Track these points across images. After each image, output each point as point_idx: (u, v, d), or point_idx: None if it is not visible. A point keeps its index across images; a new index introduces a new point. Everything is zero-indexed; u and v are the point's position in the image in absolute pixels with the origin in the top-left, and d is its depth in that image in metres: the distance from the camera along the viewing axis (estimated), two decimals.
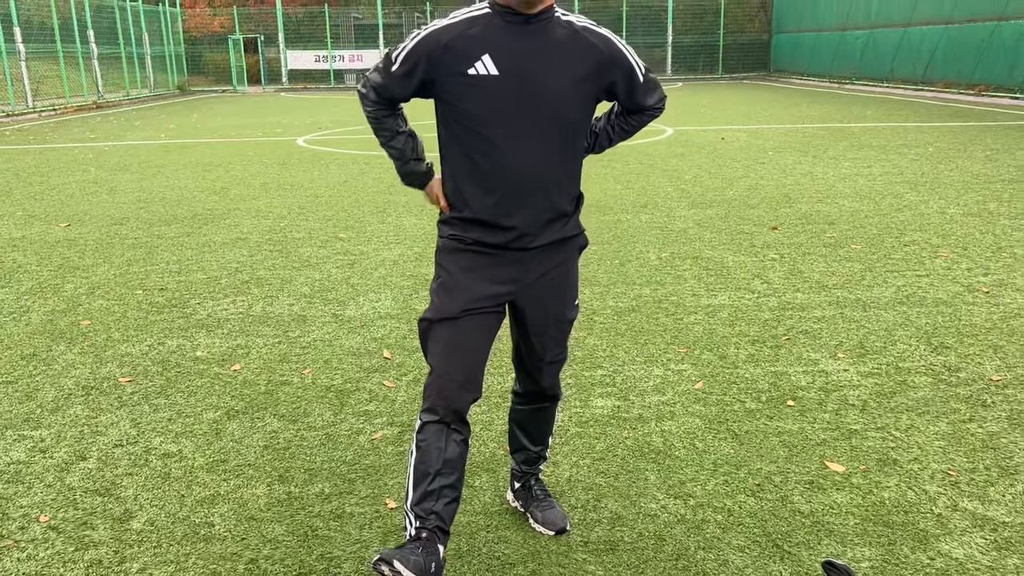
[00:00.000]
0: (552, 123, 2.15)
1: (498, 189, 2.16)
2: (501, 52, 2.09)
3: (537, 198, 2.18)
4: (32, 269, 5.85)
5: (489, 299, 2.24)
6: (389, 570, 1.96)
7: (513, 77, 2.09)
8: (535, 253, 2.25)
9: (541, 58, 2.12)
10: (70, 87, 25.33)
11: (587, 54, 2.15)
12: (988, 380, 3.63)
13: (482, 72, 2.09)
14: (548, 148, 2.17)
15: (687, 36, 36.50)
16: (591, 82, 2.18)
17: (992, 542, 2.47)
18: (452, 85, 2.12)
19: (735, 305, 4.73)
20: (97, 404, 3.58)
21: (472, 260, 2.24)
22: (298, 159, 11.65)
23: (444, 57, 2.11)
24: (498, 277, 2.24)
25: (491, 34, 2.10)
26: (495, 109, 2.11)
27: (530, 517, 2.62)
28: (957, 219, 6.82)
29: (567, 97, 2.15)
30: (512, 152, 2.13)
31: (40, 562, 2.48)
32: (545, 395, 2.53)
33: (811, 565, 2.38)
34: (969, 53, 20.97)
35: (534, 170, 2.16)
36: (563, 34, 2.14)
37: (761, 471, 2.91)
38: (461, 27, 2.12)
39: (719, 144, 12.27)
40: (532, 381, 2.49)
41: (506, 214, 2.17)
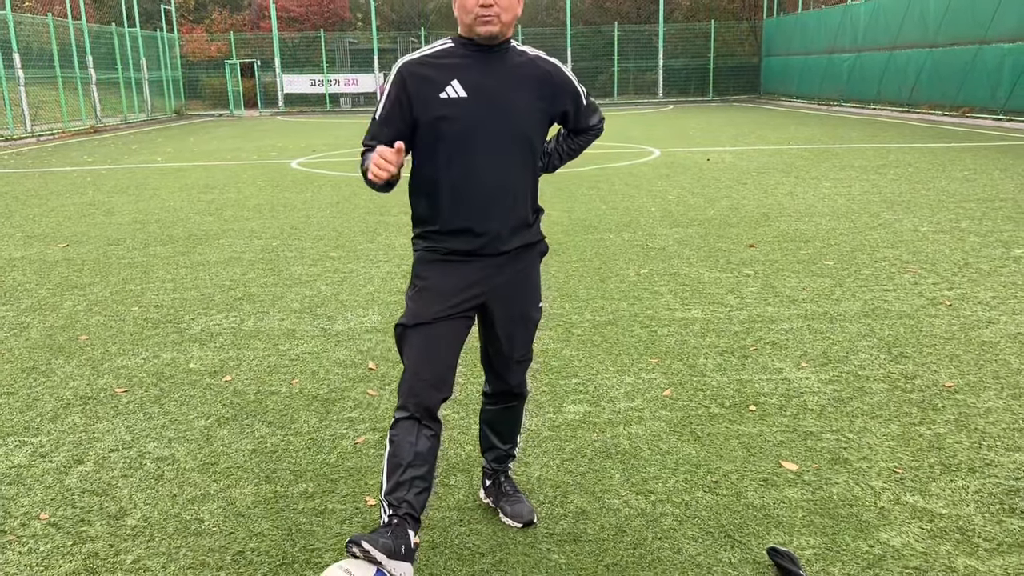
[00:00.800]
0: (515, 139, 2.40)
1: (469, 199, 2.38)
2: (467, 77, 2.34)
3: (504, 207, 2.41)
4: (32, 288, 6.04)
5: (461, 303, 2.44)
6: (359, 551, 2.12)
7: (480, 98, 2.34)
8: (503, 258, 2.46)
9: (503, 82, 2.37)
10: (68, 112, 25.62)
11: (543, 80, 2.43)
12: (941, 386, 3.82)
13: (452, 95, 2.33)
14: (512, 161, 2.41)
15: (678, 60, 37.01)
16: (546, 103, 2.44)
17: (928, 532, 2.66)
18: (429, 108, 2.34)
19: (707, 318, 4.93)
20: (94, 413, 3.76)
21: (445, 267, 2.45)
22: (292, 181, 11.88)
23: (419, 83, 2.34)
24: (470, 281, 2.44)
25: (457, 62, 2.36)
26: (465, 127, 2.34)
27: (500, 511, 2.80)
28: (929, 236, 7.04)
29: (526, 116, 2.41)
30: (481, 165, 2.37)
31: (41, 555, 2.65)
32: (513, 393, 2.71)
33: (759, 552, 2.56)
34: (953, 76, 21.37)
35: (501, 181, 2.40)
36: (520, 61, 2.41)
37: (719, 470, 3.10)
38: (430, 58, 2.38)
39: (704, 165, 12.53)
40: (501, 381, 2.68)
41: (477, 221, 2.39)
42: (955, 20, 21.25)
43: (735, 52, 37.71)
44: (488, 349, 2.64)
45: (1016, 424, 3.41)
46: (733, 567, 2.50)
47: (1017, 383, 3.83)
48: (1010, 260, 6.13)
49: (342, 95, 36.83)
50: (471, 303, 2.47)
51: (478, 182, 2.38)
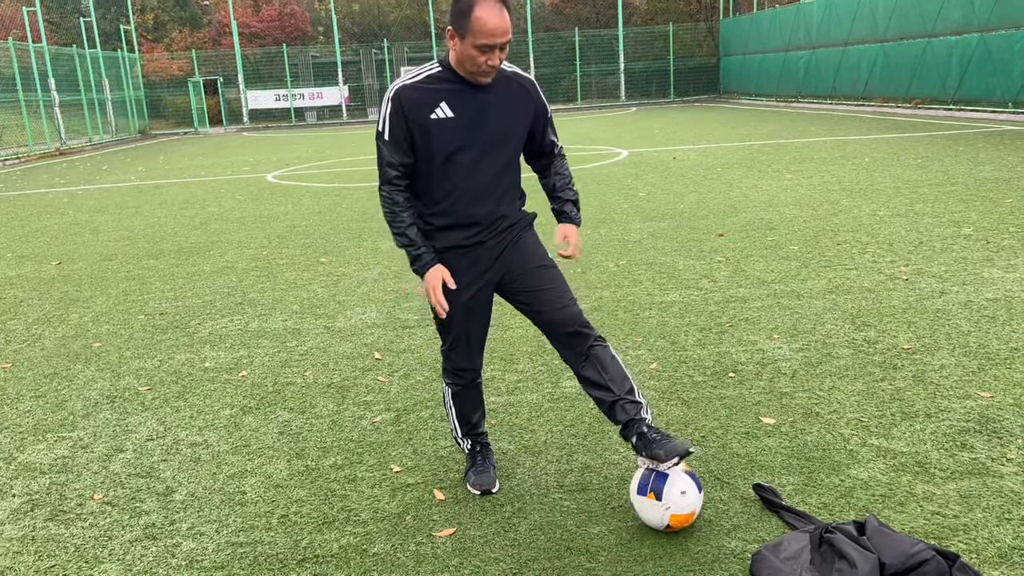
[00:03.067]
0: (496, 148, 2.77)
1: (461, 198, 2.77)
2: (454, 99, 2.70)
3: (490, 202, 2.80)
4: (35, 303, 6.26)
5: (477, 291, 2.85)
6: (479, 489, 2.96)
7: (465, 117, 2.71)
8: (493, 242, 2.84)
9: (486, 100, 2.73)
10: (32, 135, 25.51)
11: (520, 95, 2.80)
12: (900, 349, 4.22)
13: (441, 116, 2.70)
14: (494, 166, 2.79)
15: (638, 63, 37.65)
16: (523, 116, 2.81)
17: (891, 466, 3.03)
18: (422, 127, 2.71)
19: (685, 301, 5.30)
20: (123, 409, 4.03)
21: (455, 267, 2.82)
22: (270, 193, 12.11)
23: (412, 107, 2.70)
24: (476, 270, 2.83)
25: (444, 86, 2.71)
26: (454, 142, 2.72)
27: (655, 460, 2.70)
28: (886, 220, 7.50)
29: (507, 128, 2.78)
30: (469, 171, 2.75)
31: (102, 528, 2.93)
32: (586, 337, 2.80)
33: (745, 491, 2.92)
34: (904, 69, 22.12)
35: (486, 183, 2.79)
36: (499, 79, 2.75)
37: (705, 427, 3.45)
38: (420, 83, 2.73)
39: (671, 163, 12.98)
40: (569, 336, 2.80)
41: (471, 213, 2.78)
42: (903, 15, 22.01)
43: (694, 53, 38.45)
44: (539, 322, 2.85)
45: (967, 377, 3.80)
46: (724, 503, 2.85)
47: (967, 343, 4.23)
48: (960, 238, 6.58)
49: (307, 109, 36.96)
50: (484, 286, 2.86)
51: (466, 185, 2.76)
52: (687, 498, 2.65)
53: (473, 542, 2.71)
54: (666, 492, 2.65)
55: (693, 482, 2.70)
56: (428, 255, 2.77)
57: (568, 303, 2.83)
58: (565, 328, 2.81)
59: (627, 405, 2.80)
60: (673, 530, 2.67)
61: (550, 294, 2.83)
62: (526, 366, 4.29)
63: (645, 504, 2.70)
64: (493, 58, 2.59)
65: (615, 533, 2.71)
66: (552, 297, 2.83)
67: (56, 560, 2.73)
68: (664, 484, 2.66)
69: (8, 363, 4.83)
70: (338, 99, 36.69)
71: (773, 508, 2.77)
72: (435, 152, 2.73)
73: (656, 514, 2.66)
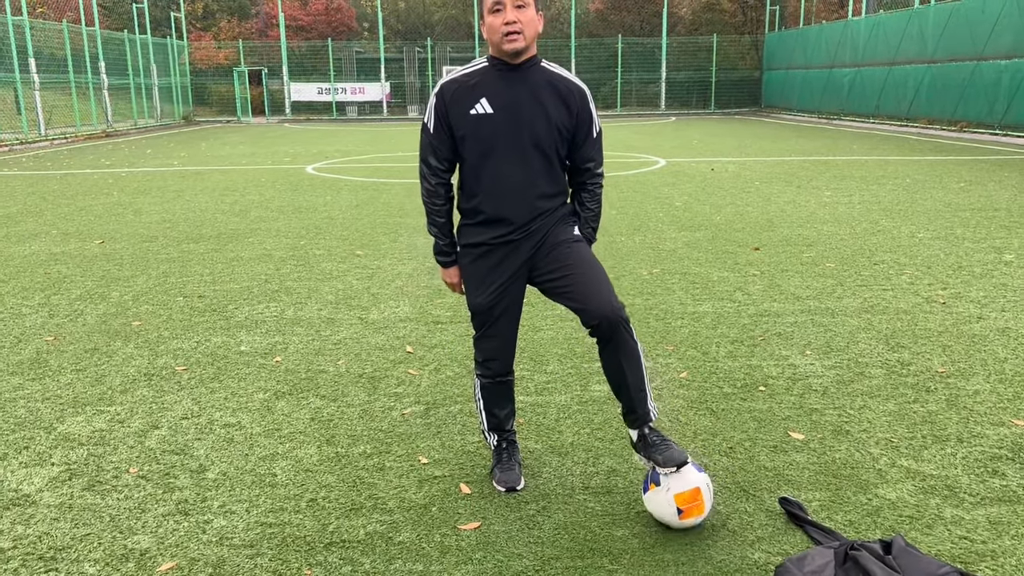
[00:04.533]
0: (534, 148, 2.80)
1: (497, 195, 2.82)
2: (494, 95, 2.77)
3: (524, 204, 2.83)
4: (77, 279, 6.40)
5: (506, 286, 2.89)
6: (504, 486, 2.99)
7: (504, 113, 2.76)
8: (524, 241, 2.86)
9: (526, 98, 2.77)
10: (80, 116, 26.03)
11: (565, 97, 2.80)
12: (934, 372, 4.18)
13: (481, 111, 2.77)
14: (530, 165, 2.81)
15: (680, 72, 37.52)
16: (564, 119, 2.80)
17: (920, 488, 3.01)
18: (461, 123, 2.79)
19: (717, 312, 5.29)
20: (160, 387, 4.12)
21: (485, 263, 2.89)
22: (309, 185, 12.26)
23: (454, 103, 2.78)
24: (506, 266, 2.88)
25: (486, 81, 2.78)
26: (492, 138, 2.78)
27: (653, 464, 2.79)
28: (925, 242, 7.42)
29: (545, 128, 2.78)
30: (506, 168, 2.79)
31: (136, 500, 3.00)
32: (611, 319, 2.72)
33: (771, 504, 2.92)
34: (951, 91, 21.82)
35: (520, 184, 2.81)
36: (546, 79, 2.79)
37: (733, 438, 3.45)
38: (463, 79, 2.81)
39: (709, 174, 12.92)
40: (595, 315, 2.72)
41: (503, 213, 2.83)
42: (953, 37, 21.72)
43: (737, 65, 38.23)
44: (568, 301, 2.81)
45: (1001, 404, 3.76)
46: (749, 514, 2.85)
47: (1003, 370, 4.19)
48: (1001, 264, 6.50)
49: (348, 103, 37.30)
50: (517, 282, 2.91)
51: (502, 182, 2.80)
52: (684, 475, 2.72)
53: (497, 537, 2.74)
54: (662, 478, 2.75)
55: (690, 464, 2.78)
56: (449, 257, 2.97)
57: (597, 278, 2.78)
58: (601, 315, 2.72)
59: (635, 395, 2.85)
60: (688, 517, 2.68)
61: (578, 273, 2.78)
62: (556, 368, 4.32)
63: (651, 497, 2.76)
64: (507, 15, 2.64)
65: (638, 537, 2.73)
66: (580, 275, 2.77)
67: (91, 529, 2.81)
68: (660, 473, 2.77)
69: (51, 336, 4.96)
70: (380, 95, 36.99)
71: (798, 522, 2.77)
72: (473, 148, 2.79)
73: (662, 500, 2.71)
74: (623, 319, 2.76)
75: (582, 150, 2.89)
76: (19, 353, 4.66)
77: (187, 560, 2.62)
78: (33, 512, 2.92)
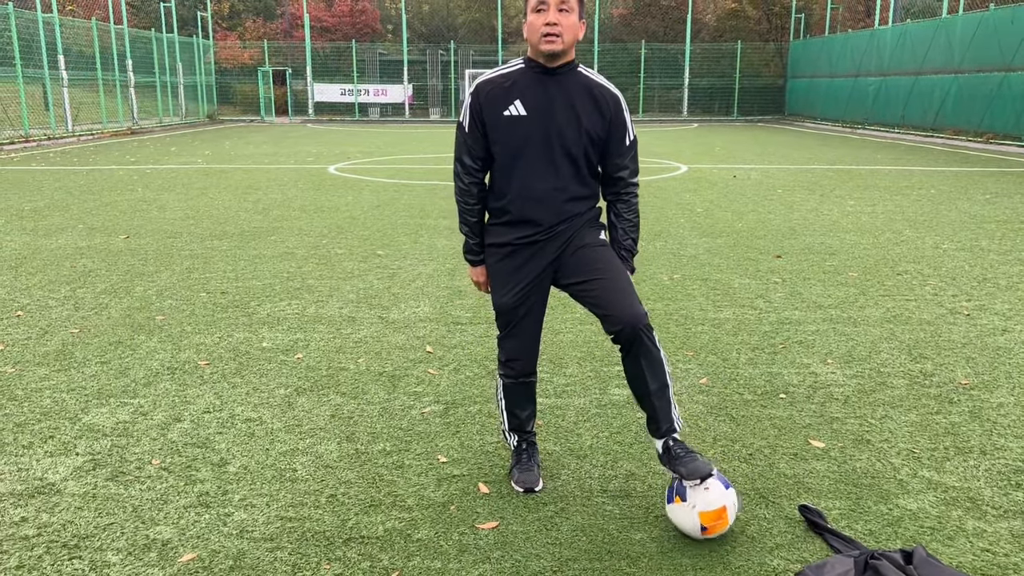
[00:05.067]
0: (561, 151, 2.80)
1: (525, 197, 2.84)
2: (528, 97, 2.79)
3: (552, 206, 2.83)
4: (102, 274, 6.47)
5: (530, 287, 2.89)
6: (522, 487, 3.00)
7: (536, 116, 2.78)
8: (550, 243, 2.88)
9: (560, 102, 2.78)
10: (107, 113, 26.32)
11: (599, 104, 2.80)
12: (957, 383, 4.15)
13: (514, 113, 2.79)
14: (559, 169, 2.82)
15: (703, 79, 37.41)
16: (597, 125, 2.80)
17: (942, 500, 2.99)
18: (495, 123, 2.82)
19: (738, 319, 5.27)
20: (183, 381, 4.16)
21: (511, 263, 2.90)
22: (331, 185, 12.33)
23: (488, 103, 2.81)
24: (532, 267, 2.89)
25: (521, 83, 2.80)
26: (523, 140, 2.80)
27: (678, 476, 2.75)
28: (949, 253, 7.35)
29: (573, 134, 2.79)
30: (535, 171, 2.81)
31: (158, 492, 3.03)
32: (633, 326, 2.69)
33: (790, 511, 2.90)
34: (978, 102, 21.61)
35: (548, 188, 2.82)
36: (580, 86, 2.80)
37: (753, 445, 3.44)
38: (499, 80, 2.84)
39: (731, 181, 12.88)
40: (617, 320, 2.71)
41: (530, 215, 2.84)
42: (981, 47, 21.51)
43: (761, 73, 38.05)
44: (591, 304, 2.81)
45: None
46: (768, 521, 2.84)
47: None
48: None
49: (371, 105, 37.48)
50: (543, 282, 2.92)
51: (531, 187, 2.82)
52: (711, 493, 2.68)
53: (515, 537, 2.74)
54: (689, 493, 2.70)
55: (718, 480, 2.73)
56: (478, 256, 3.01)
57: (621, 280, 2.78)
58: (621, 319, 2.71)
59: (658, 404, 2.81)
60: (711, 533, 2.67)
61: (603, 277, 2.78)
62: (575, 370, 4.32)
63: (675, 510, 2.73)
64: (549, 15, 2.65)
65: (656, 541, 2.73)
66: (604, 278, 2.77)
67: (115, 518, 2.84)
68: (686, 487, 2.72)
69: (77, 329, 5.02)
70: (402, 97, 37.14)
71: (818, 530, 2.76)
72: (504, 149, 2.82)
73: (686, 516, 2.69)
74: (645, 327, 2.73)
75: (615, 158, 2.88)
76: (46, 344, 4.72)
77: (208, 552, 2.64)
78: (58, 501, 2.96)
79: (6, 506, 2.92)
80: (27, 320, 5.21)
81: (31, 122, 21.90)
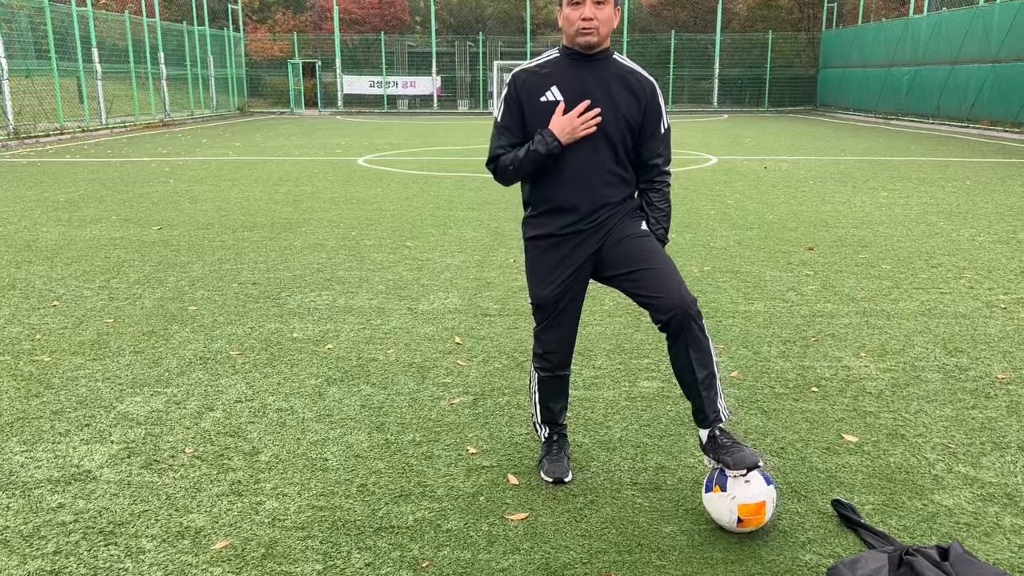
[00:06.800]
0: (600, 135, 2.79)
1: (564, 183, 2.83)
2: (565, 83, 2.80)
3: (590, 192, 2.83)
4: (136, 264, 6.56)
5: (571, 278, 2.90)
6: (552, 477, 3.01)
7: (574, 101, 2.78)
8: (591, 232, 2.86)
9: (596, 89, 2.79)
10: (140, 106, 26.64)
11: (635, 92, 2.80)
12: (994, 378, 4.08)
13: (551, 99, 2.80)
14: (597, 155, 2.81)
15: (734, 69, 37.03)
16: (632, 112, 2.80)
17: (978, 496, 2.94)
18: (532, 109, 2.83)
19: (770, 312, 5.22)
20: (215, 371, 4.20)
21: (553, 256, 2.89)
22: (360, 177, 12.38)
23: (526, 89, 2.83)
24: (573, 258, 2.88)
25: (558, 70, 2.82)
26: None
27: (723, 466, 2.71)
28: (986, 246, 7.22)
29: (613, 120, 2.79)
30: (573, 157, 2.81)
31: (192, 480, 3.07)
32: (683, 313, 2.67)
33: (823, 505, 2.87)
34: (1015, 92, 21.17)
35: (587, 170, 2.82)
36: (617, 72, 2.80)
37: (785, 439, 3.41)
38: (536, 68, 2.86)
39: (762, 173, 12.74)
40: (666, 308, 2.68)
41: (569, 200, 2.83)
42: (1019, 36, 21.06)
43: (792, 63, 37.59)
44: (634, 292, 2.79)
45: None
46: (800, 515, 2.81)
47: None
48: None
49: (400, 97, 37.57)
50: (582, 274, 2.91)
51: (569, 171, 2.81)
52: (752, 487, 2.65)
53: (545, 528, 2.74)
54: (730, 483, 2.67)
55: (760, 474, 2.70)
56: (537, 140, 2.76)
57: (664, 267, 2.76)
58: (670, 306, 2.68)
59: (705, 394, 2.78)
60: (746, 527, 2.65)
61: (645, 264, 2.76)
62: (604, 363, 4.30)
63: (713, 499, 2.71)
64: (585, 10, 2.66)
65: (687, 534, 2.71)
66: (647, 265, 2.75)
67: (149, 506, 2.88)
68: (727, 477, 2.69)
69: (111, 319, 5.09)
70: (430, 89, 37.18)
71: (851, 525, 2.73)
72: None
73: (724, 506, 2.66)
74: (695, 313, 2.70)
75: (649, 144, 2.87)
76: (81, 334, 4.79)
77: (240, 540, 2.67)
78: (94, 488, 3.00)
79: (44, 492, 2.97)
80: (63, 310, 5.30)
81: (65, 114, 22.23)
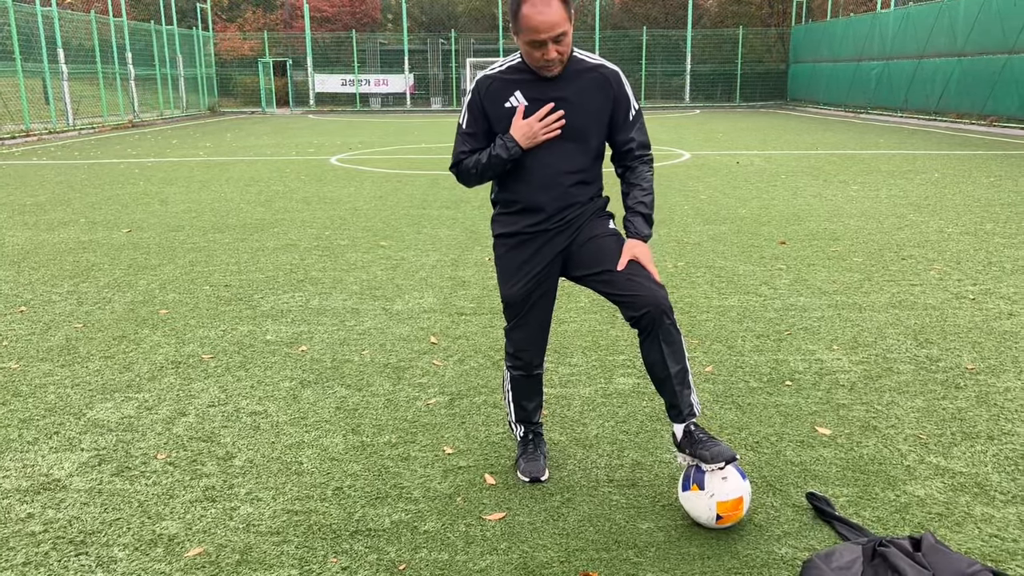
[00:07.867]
0: (566, 138, 2.79)
1: (531, 184, 2.82)
2: (529, 88, 2.78)
3: (558, 192, 2.82)
4: (106, 268, 6.47)
5: (540, 277, 2.89)
6: (528, 476, 3.00)
7: (538, 105, 2.76)
8: (558, 231, 2.86)
9: (560, 90, 2.76)
10: (108, 106, 26.28)
11: (601, 85, 2.79)
12: (964, 368, 4.13)
13: (515, 104, 2.78)
14: (564, 155, 2.80)
15: (705, 65, 37.23)
16: (602, 106, 2.79)
17: (949, 486, 2.98)
18: (498, 116, 2.81)
19: (743, 306, 5.25)
20: (187, 375, 4.15)
21: (520, 253, 2.89)
22: (333, 176, 12.30)
23: (489, 95, 2.80)
24: (541, 256, 2.88)
25: (521, 76, 2.78)
26: None
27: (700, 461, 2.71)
28: (954, 237, 7.32)
29: (581, 118, 2.78)
30: (539, 158, 2.80)
31: (164, 486, 3.03)
32: (656, 309, 2.65)
33: (798, 499, 2.90)
34: (981, 85, 21.49)
35: (554, 171, 2.81)
36: (580, 69, 2.78)
37: (759, 432, 3.43)
38: (499, 73, 2.83)
39: (734, 168, 12.83)
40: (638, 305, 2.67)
41: (536, 200, 2.83)
42: (984, 30, 21.37)
43: (763, 59, 37.88)
44: (605, 291, 2.78)
45: None
46: (775, 509, 2.83)
47: None
48: None
49: (372, 95, 37.37)
50: (551, 271, 2.90)
51: (536, 172, 2.81)
52: (729, 483, 2.67)
53: (522, 528, 2.74)
54: (707, 481, 2.68)
55: (735, 470, 2.72)
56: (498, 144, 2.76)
57: (638, 273, 2.72)
58: (641, 304, 2.67)
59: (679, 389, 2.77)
60: (725, 523, 2.67)
61: (614, 262, 2.75)
62: (580, 360, 4.31)
63: (691, 498, 2.71)
64: (547, 52, 2.63)
65: (664, 530, 2.72)
66: (630, 282, 2.72)
67: (120, 514, 2.84)
68: (704, 475, 2.69)
69: (80, 323, 5.01)
70: (403, 87, 37.03)
71: (825, 518, 2.75)
72: None
73: (702, 504, 2.67)
74: (667, 308, 2.69)
75: (622, 132, 2.86)
76: (49, 340, 4.72)
77: (214, 546, 2.64)
78: (63, 496, 2.96)
79: (12, 502, 2.92)
80: (30, 315, 5.21)
81: (32, 116, 21.87)
